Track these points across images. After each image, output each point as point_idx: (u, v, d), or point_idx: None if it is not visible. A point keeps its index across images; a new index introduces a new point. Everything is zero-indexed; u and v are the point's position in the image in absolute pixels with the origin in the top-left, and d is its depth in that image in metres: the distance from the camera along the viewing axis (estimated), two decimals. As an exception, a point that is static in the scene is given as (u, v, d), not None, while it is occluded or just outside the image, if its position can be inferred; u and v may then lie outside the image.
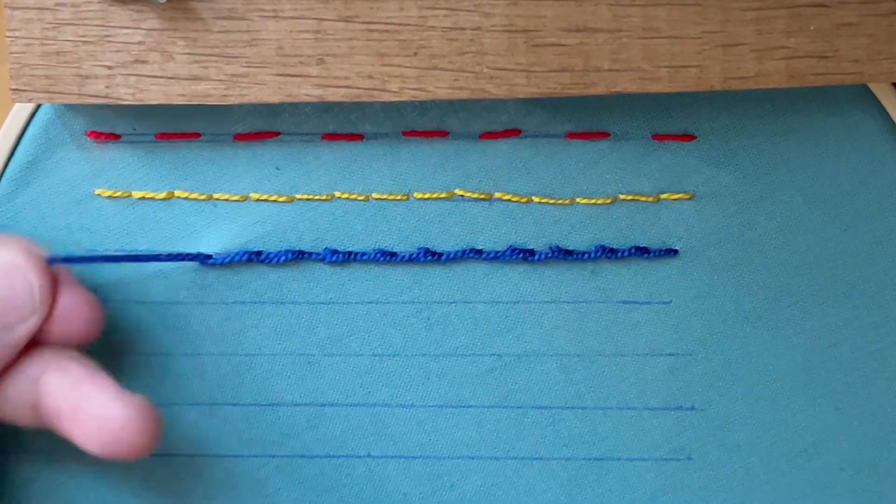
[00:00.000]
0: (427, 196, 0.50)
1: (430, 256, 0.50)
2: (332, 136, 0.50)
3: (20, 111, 0.49)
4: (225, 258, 0.50)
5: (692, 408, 0.51)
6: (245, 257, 0.50)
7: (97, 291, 0.49)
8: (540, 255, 0.50)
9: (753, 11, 0.46)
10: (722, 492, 0.51)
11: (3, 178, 0.50)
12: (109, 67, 0.47)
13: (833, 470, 0.51)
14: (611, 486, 0.51)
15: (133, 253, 0.50)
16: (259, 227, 0.50)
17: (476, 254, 0.50)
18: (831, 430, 0.51)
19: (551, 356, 0.51)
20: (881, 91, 0.49)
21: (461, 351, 0.51)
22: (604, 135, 0.50)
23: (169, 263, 0.50)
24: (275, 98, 0.47)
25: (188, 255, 0.50)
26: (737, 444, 0.51)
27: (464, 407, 0.51)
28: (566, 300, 0.51)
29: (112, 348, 0.50)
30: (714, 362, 0.51)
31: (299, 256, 0.50)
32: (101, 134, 0.49)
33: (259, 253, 0.50)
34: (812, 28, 0.47)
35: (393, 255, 0.50)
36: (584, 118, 0.50)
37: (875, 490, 0.51)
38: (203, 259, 0.50)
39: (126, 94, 0.47)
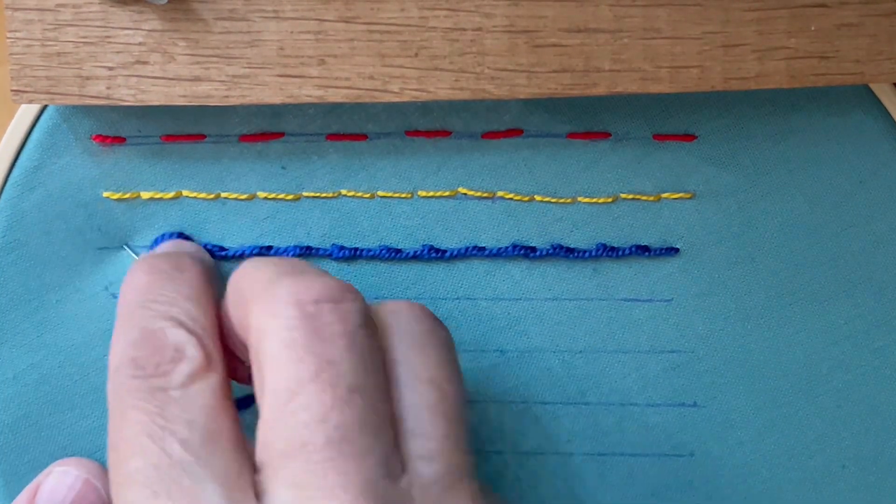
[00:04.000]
0: (431, 194, 0.49)
1: (433, 253, 0.49)
2: (336, 137, 0.48)
3: (24, 116, 0.48)
4: (237, 251, 0.49)
5: (694, 404, 0.49)
6: (256, 251, 0.49)
7: (108, 288, 0.48)
8: (542, 252, 0.49)
9: (754, 12, 0.45)
10: (724, 488, 0.50)
11: (9, 183, 0.48)
12: (110, 68, 0.45)
13: (835, 467, 0.49)
14: (613, 481, 0.50)
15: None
16: (267, 223, 0.49)
17: (479, 251, 0.49)
18: (833, 427, 0.49)
19: (553, 352, 0.49)
20: (882, 91, 0.48)
21: (464, 347, 0.49)
22: (605, 135, 0.48)
23: None
24: (276, 99, 0.45)
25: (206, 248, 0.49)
26: (739, 440, 0.49)
27: (467, 402, 0.48)
28: (568, 297, 0.49)
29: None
30: (716, 359, 0.49)
31: (307, 252, 0.49)
32: (107, 137, 0.48)
33: (269, 248, 0.49)
34: (813, 28, 0.45)
35: (397, 251, 0.49)
36: (586, 118, 0.48)
37: (877, 487, 0.50)
38: (217, 252, 0.49)
39: (127, 95, 0.45)
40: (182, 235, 0.48)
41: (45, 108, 0.48)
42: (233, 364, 0.43)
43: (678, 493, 0.49)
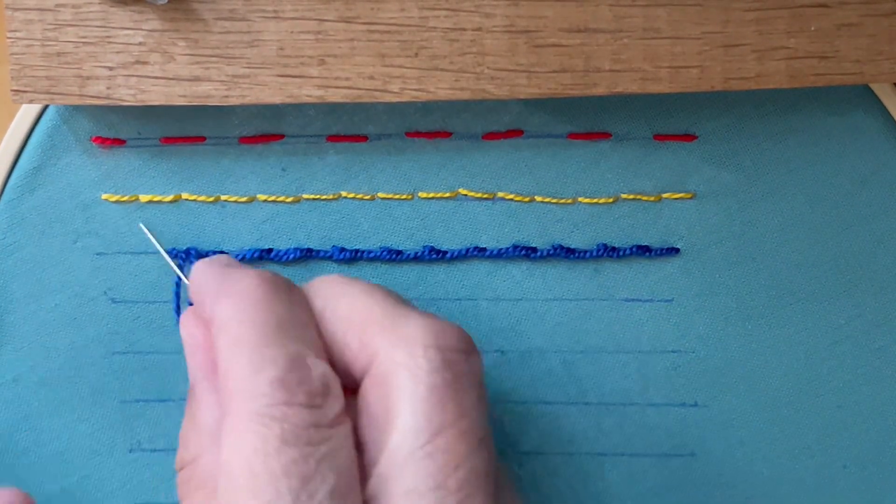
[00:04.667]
0: (431, 195, 0.48)
1: (434, 254, 0.48)
2: (336, 138, 0.48)
3: (24, 117, 0.47)
4: (237, 255, 0.48)
5: (695, 404, 0.49)
6: (256, 255, 0.48)
7: (107, 293, 0.48)
8: (542, 253, 0.48)
9: (754, 12, 0.44)
10: (725, 488, 0.49)
11: (9, 185, 0.48)
12: (110, 68, 0.45)
13: (835, 466, 0.49)
14: (614, 481, 0.49)
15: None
16: (267, 225, 0.48)
17: (479, 252, 0.48)
18: (833, 427, 0.49)
19: (554, 353, 0.49)
20: (882, 91, 0.47)
21: None
22: (605, 135, 0.48)
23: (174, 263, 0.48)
24: (276, 99, 0.45)
25: (205, 252, 0.48)
26: (739, 440, 0.49)
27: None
28: (569, 298, 0.49)
29: (123, 348, 0.48)
30: (716, 359, 0.49)
31: (308, 254, 0.48)
32: (106, 139, 0.48)
33: (270, 251, 0.48)
34: (813, 28, 0.45)
35: (398, 253, 0.48)
36: (586, 119, 0.48)
37: (877, 486, 0.49)
38: None
39: (127, 95, 0.45)
40: (192, 250, 0.48)
41: (44, 109, 0.47)
42: None
43: (679, 492, 0.49)
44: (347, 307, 0.41)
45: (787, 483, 0.49)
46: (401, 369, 0.38)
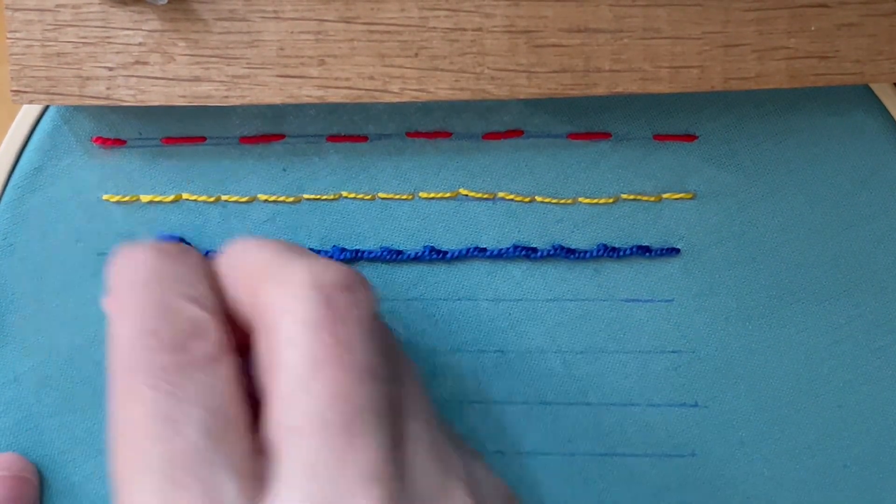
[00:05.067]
0: (431, 196, 0.48)
1: (434, 254, 0.48)
2: (336, 138, 0.48)
3: (25, 118, 0.47)
4: None
5: (695, 404, 0.49)
6: None
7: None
8: (542, 253, 0.48)
9: (754, 12, 0.44)
10: (725, 488, 0.49)
11: (10, 185, 0.48)
12: (110, 69, 0.45)
13: (836, 466, 0.49)
14: (615, 481, 0.49)
15: None
16: (268, 225, 0.48)
17: (480, 252, 0.48)
18: (834, 427, 0.49)
19: (554, 353, 0.49)
20: (882, 91, 0.47)
21: (466, 347, 0.49)
22: (605, 135, 0.48)
23: None
24: (276, 99, 0.45)
25: (205, 252, 0.48)
26: (740, 440, 0.49)
27: (468, 403, 0.49)
28: (569, 298, 0.49)
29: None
30: (717, 359, 0.49)
31: None
32: (107, 140, 0.48)
33: None
34: (813, 28, 0.44)
35: (398, 253, 0.48)
36: (586, 119, 0.48)
37: (878, 486, 0.49)
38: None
39: (127, 95, 0.45)
40: (182, 241, 0.48)
41: (45, 109, 0.47)
42: None
43: (679, 493, 0.49)
44: (241, 264, 0.41)
45: (787, 483, 0.49)
46: (283, 314, 0.38)
